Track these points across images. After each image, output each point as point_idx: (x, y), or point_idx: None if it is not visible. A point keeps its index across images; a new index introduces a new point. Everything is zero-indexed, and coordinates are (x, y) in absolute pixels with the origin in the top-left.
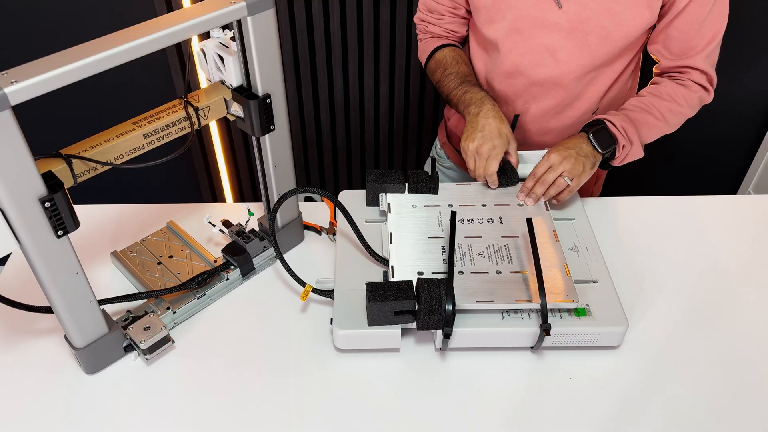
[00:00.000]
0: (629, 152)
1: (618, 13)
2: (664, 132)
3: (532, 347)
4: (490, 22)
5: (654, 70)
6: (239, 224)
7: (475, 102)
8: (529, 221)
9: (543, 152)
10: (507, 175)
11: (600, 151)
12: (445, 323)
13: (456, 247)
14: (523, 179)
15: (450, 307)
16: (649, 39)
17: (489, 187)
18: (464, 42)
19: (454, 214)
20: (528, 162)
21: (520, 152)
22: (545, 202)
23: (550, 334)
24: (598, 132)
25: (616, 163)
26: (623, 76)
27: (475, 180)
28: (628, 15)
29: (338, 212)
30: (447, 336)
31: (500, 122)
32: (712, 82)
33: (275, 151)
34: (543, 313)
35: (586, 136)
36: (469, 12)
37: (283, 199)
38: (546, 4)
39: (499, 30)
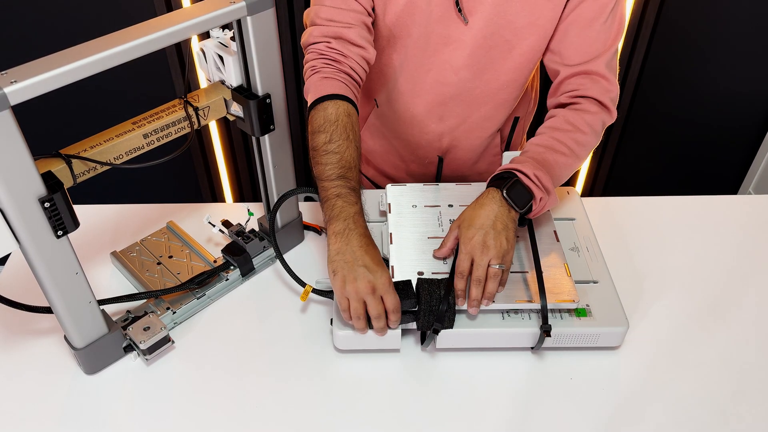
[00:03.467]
0: (546, 204)
1: (521, 27)
2: (574, 168)
3: (532, 348)
4: (393, 39)
5: (552, 89)
6: (239, 224)
7: (341, 219)
8: (530, 221)
9: None
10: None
11: (518, 209)
12: (437, 318)
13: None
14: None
15: (444, 307)
16: (546, 51)
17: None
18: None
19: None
20: None
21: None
22: None
23: (550, 335)
24: (512, 188)
25: (532, 216)
26: (527, 92)
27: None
28: (532, 28)
29: None
30: (435, 331)
31: (372, 252)
32: (613, 97)
33: (275, 151)
34: (543, 313)
35: (498, 196)
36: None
37: (283, 199)
38: (451, 20)
39: (404, 47)
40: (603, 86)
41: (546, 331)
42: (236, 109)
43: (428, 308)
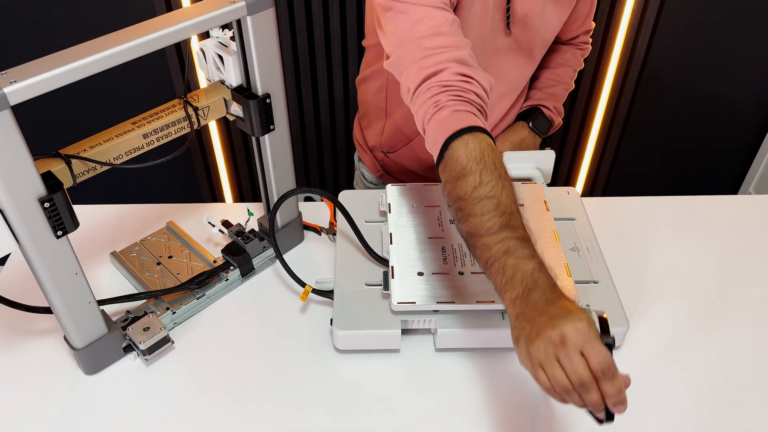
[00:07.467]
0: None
1: (550, 24)
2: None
3: None
4: None
5: (558, 42)
6: (239, 224)
7: (516, 281)
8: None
9: (545, 153)
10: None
11: (542, 135)
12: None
13: (456, 246)
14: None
15: None
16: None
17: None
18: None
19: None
20: (523, 161)
21: (518, 152)
22: (545, 201)
23: None
24: (536, 118)
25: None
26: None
27: None
28: (557, 19)
29: (338, 212)
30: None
31: (562, 301)
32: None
33: (275, 151)
34: None
35: (527, 126)
36: None
37: (282, 199)
38: (497, 31)
39: None
40: (587, 34)
41: None
42: (236, 109)
43: None
